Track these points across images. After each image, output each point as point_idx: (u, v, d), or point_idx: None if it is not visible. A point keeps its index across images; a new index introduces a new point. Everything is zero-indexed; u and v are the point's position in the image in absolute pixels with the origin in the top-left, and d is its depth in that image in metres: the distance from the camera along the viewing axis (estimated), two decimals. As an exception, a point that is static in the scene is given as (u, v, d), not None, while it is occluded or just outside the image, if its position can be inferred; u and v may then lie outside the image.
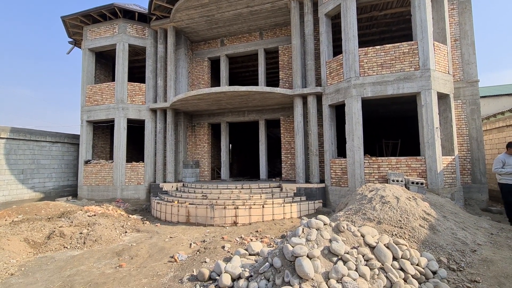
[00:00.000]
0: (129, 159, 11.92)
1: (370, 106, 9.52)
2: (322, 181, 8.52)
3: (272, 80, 15.10)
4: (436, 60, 7.06)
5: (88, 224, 6.20)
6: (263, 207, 7.05)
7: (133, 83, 10.64)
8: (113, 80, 12.23)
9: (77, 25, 11.09)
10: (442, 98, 7.33)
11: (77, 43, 12.03)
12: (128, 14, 10.64)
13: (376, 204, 4.53)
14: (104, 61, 12.57)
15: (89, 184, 10.45)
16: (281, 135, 10.37)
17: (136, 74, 14.46)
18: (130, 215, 8.02)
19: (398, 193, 4.86)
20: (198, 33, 11.10)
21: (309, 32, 8.81)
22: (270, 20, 10.17)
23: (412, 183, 6.22)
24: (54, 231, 5.57)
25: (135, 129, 12.92)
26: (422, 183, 6.15)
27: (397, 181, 6.44)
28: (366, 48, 7.44)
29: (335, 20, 8.96)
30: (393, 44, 7.22)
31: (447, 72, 7.30)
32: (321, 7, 8.55)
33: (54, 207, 7.63)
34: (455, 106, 7.76)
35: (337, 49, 9.80)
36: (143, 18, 10.77)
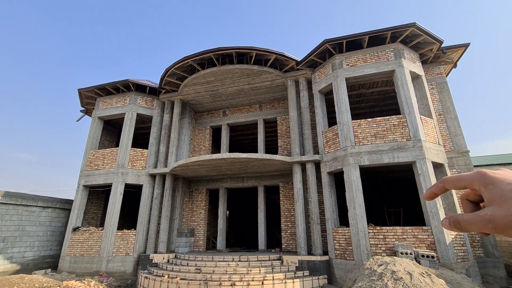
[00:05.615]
0: (121, 226, 11.30)
1: (368, 174, 9.65)
2: (325, 252, 7.96)
3: (271, 147, 15.64)
4: (426, 131, 7.53)
5: (65, 303, 5.47)
6: (262, 283, 6.39)
7: (136, 148, 10.92)
8: (117, 145, 12.59)
9: (91, 96, 12.06)
10: (438, 167, 7.52)
11: (87, 111, 12.86)
12: (140, 88, 11.70)
13: (388, 281, 4.16)
14: (110, 128, 13.18)
15: (73, 255, 9.61)
16: (281, 202, 10.16)
17: (140, 140, 14.99)
18: (113, 293, 7.15)
19: (410, 268, 4.51)
20: (203, 104, 12.04)
21: (305, 105, 9.60)
22: (269, 95, 11.19)
23: (423, 256, 5.83)
24: (25, 313, 4.87)
25: (130, 195, 12.65)
26: (433, 257, 5.77)
27: (406, 253, 6.05)
28: (359, 120, 8.01)
29: (328, 96, 9.89)
30: (383, 117, 7.80)
31: (437, 143, 7.69)
32: (315, 85, 9.54)
33: (29, 282, 6.84)
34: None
35: (331, 120, 10.50)
36: (152, 91, 11.81)
